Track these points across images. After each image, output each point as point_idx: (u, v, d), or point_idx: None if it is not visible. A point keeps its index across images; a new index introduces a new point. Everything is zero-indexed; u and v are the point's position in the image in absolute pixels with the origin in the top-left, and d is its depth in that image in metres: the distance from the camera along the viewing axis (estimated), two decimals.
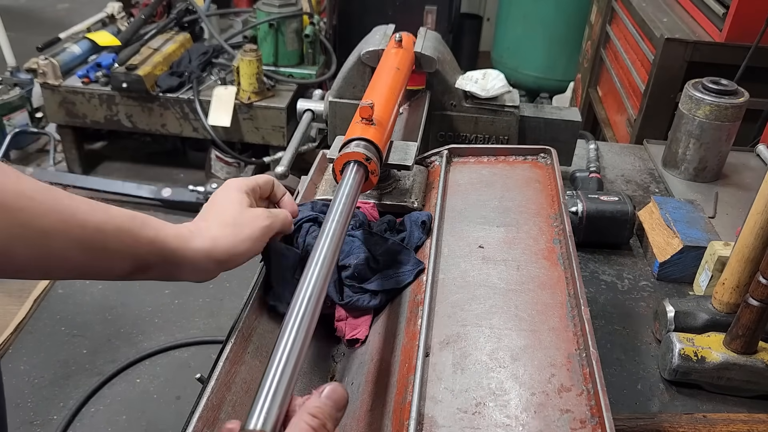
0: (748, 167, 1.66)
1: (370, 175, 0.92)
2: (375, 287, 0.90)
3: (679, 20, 2.14)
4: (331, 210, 0.79)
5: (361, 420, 0.76)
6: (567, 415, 0.66)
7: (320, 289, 0.69)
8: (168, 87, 3.15)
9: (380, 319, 0.91)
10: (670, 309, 1.08)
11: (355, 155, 0.91)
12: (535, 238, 0.93)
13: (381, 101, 1.05)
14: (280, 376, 0.57)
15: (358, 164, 0.90)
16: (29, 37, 3.65)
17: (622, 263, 1.32)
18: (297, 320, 0.64)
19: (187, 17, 3.61)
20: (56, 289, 2.57)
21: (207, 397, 0.72)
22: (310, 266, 0.70)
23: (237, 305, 0.88)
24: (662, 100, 2.05)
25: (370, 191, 1.08)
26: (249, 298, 0.88)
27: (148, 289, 2.62)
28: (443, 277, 0.87)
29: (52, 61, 3.11)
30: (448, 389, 0.70)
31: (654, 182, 1.63)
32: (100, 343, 2.35)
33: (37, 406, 2.10)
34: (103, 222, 0.68)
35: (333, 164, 0.93)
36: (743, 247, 0.99)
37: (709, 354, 0.99)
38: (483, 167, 1.13)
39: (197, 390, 0.74)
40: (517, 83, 3.66)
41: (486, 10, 4.85)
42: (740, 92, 1.48)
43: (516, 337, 0.76)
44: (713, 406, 1.00)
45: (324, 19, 3.61)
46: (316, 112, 1.60)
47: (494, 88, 1.48)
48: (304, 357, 0.61)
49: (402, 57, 1.29)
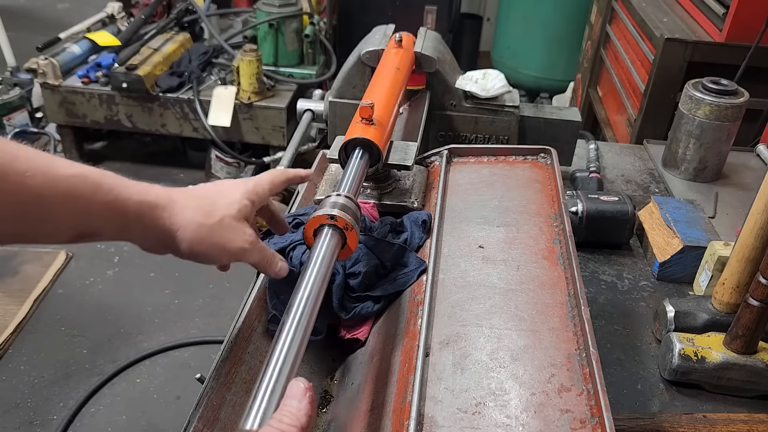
0: (748, 167, 1.66)
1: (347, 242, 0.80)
2: (379, 293, 0.90)
3: (679, 20, 2.14)
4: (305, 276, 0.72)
5: (361, 420, 0.76)
6: (567, 415, 0.66)
7: (318, 290, 0.69)
8: (168, 87, 3.15)
9: (380, 320, 0.91)
10: (670, 309, 1.08)
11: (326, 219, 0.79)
12: (535, 238, 0.93)
13: (381, 101, 1.05)
14: (277, 377, 0.57)
15: (333, 229, 0.79)
16: (29, 37, 3.65)
17: (622, 263, 1.32)
18: (295, 320, 0.64)
19: (187, 17, 3.61)
20: (56, 289, 2.57)
21: (207, 397, 0.72)
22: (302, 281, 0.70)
23: (237, 305, 0.88)
24: (662, 100, 2.05)
25: (370, 191, 1.08)
26: (249, 298, 0.88)
27: (148, 289, 2.62)
28: (443, 277, 0.87)
29: (52, 61, 3.11)
30: (448, 389, 0.70)
31: (654, 182, 1.63)
32: (100, 343, 2.35)
33: (37, 406, 2.10)
34: (45, 187, 0.58)
35: (304, 227, 0.81)
36: (743, 247, 0.99)
37: (709, 354, 0.99)
38: (483, 167, 1.12)
39: (197, 390, 0.74)
40: (517, 83, 3.65)
41: (486, 10, 4.85)
42: (740, 92, 1.48)
43: (516, 337, 0.76)
44: (713, 406, 1.00)
45: (324, 19, 3.61)
46: (316, 112, 1.60)
47: (494, 88, 1.48)
48: (301, 357, 0.61)
49: (402, 57, 1.29)
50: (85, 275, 2.66)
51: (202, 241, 0.70)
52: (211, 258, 0.73)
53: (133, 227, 0.67)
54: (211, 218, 0.71)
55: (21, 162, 0.57)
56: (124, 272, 2.70)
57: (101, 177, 0.64)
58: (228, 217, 0.72)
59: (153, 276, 2.69)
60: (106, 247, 2.82)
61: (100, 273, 2.68)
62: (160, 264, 2.75)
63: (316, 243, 0.77)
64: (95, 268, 2.71)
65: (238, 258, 0.74)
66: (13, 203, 0.57)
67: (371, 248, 0.92)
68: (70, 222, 0.62)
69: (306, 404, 0.54)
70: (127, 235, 0.68)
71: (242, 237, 0.73)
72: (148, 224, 0.67)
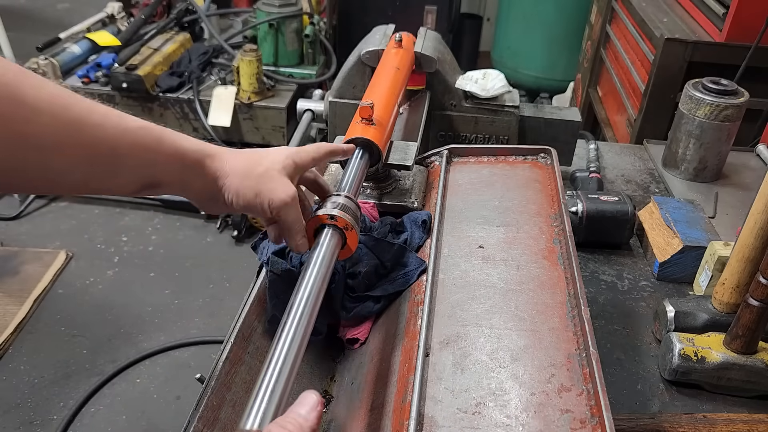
0: (748, 167, 1.66)
1: (347, 242, 0.80)
2: (379, 293, 0.90)
3: (679, 20, 2.14)
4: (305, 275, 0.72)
5: (361, 420, 0.76)
6: (567, 415, 0.66)
7: (318, 290, 0.69)
8: (168, 87, 3.15)
9: (380, 319, 0.91)
10: (670, 309, 1.08)
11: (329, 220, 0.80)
12: (535, 238, 0.93)
13: (381, 101, 1.05)
14: (277, 376, 0.57)
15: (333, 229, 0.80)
16: (29, 37, 3.65)
17: (622, 263, 1.32)
18: (295, 320, 0.64)
19: (187, 17, 3.61)
20: (56, 289, 2.57)
21: (207, 397, 0.72)
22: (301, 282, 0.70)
23: (237, 305, 0.88)
24: (662, 100, 2.05)
25: (370, 191, 1.08)
26: (249, 298, 0.88)
27: (148, 289, 2.62)
28: (443, 277, 0.87)
29: (52, 61, 3.11)
30: (448, 389, 0.70)
31: (654, 182, 1.63)
32: (100, 343, 2.35)
33: (37, 406, 2.10)
34: (117, 139, 0.62)
35: (306, 225, 0.81)
36: (743, 247, 0.99)
37: (709, 354, 0.99)
38: (483, 167, 1.13)
39: (197, 390, 0.74)
40: (517, 83, 3.65)
41: (486, 10, 4.85)
42: (740, 92, 1.48)
43: (516, 337, 0.76)
44: (713, 406, 1.00)
45: (324, 19, 3.61)
46: (316, 112, 1.60)
47: (494, 88, 1.48)
48: (301, 357, 0.61)
49: (402, 57, 1.29)
50: (85, 275, 2.66)
51: (246, 189, 0.73)
52: (253, 207, 0.75)
53: (190, 177, 0.71)
54: (256, 169, 0.74)
55: (97, 114, 0.61)
56: (124, 272, 2.70)
57: (163, 130, 0.68)
58: (272, 170, 0.75)
59: (153, 276, 2.69)
60: (106, 247, 2.82)
61: (100, 273, 2.68)
62: (160, 264, 2.75)
63: (316, 243, 0.77)
64: (95, 268, 2.71)
65: (278, 210, 0.75)
66: (89, 153, 0.60)
67: (371, 248, 0.92)
68: (138, 172, 0.66)
69: (314, 417, 0.53)
70: (185, 185, 0.71)
71: (284, 189, 0.75)
72: (201, 173, 0.71)
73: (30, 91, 0.55)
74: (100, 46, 3.40)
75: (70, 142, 0.58)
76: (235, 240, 2.89)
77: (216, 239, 2.92)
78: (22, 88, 0.54)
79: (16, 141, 0.54)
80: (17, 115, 0.53)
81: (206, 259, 2.79)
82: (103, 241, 2.87)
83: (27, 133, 0.54)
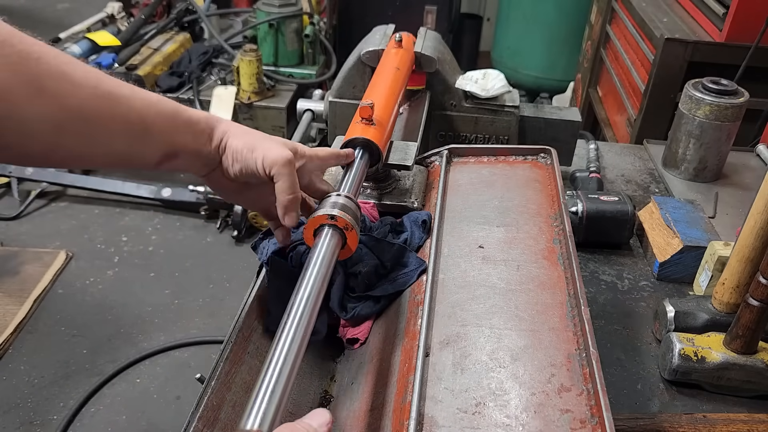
0: (748, 167, 1.66)
1: (347, 242, 0.80)
2: (379, 293, 0.90)
3: (679, 20, 2.14)
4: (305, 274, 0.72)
5: (361, 420, 0.76)
6: (567, 415, 0.66)
7: (318, 290, 0.69)
8: (168, 87, 3.15)
9: (380, 320, 0.91)
10: (670, 309, 1.08)
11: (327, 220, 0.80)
12: (535, 238, 0.93)
13: (381, 101, 1.05)
14: (277, 376, 0.57)
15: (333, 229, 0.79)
16: None
17: (622, 263, 1.32)
18: (295, 320, 0.64)
19: (187, 17, 3.61)
20: (56, 289, 2.57)
21: (207, 397, 0.72)
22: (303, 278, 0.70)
23: (237, 305, 0.88)
24: (662, 100, 2.05)
25: (370, 191, 1.08)
26: (249, 298, 0.88)
27: (148, 289, 2.62)
28: (443, 277, 0.87)
29: None
30: (448, 389, 0.70)
31: (654, 182, 1.63)
32: (100, 343, 2.35)
33: (37, 406, 2.10)
34: (145, 109, 0.68)
35: (304, 227, 0.81)
36: (743, 247, 0.99)
37: (709, 354, 0.99)
38: (483, 167, 1.12)
39: (197, 390, 0.74)
40: (517, 83, 3.65)
41: (486, 10, 4.85)
42: (740, 92, 1.48)
43: (516, 337, 0.76)
44: (713, 406, 1.00)
45: (324, 19, 3.61)
46: (316, 112, 1.60)
47: (494, 88, 1.48)
48: (301, 357, 0.61)
49: (402, 57, 1.29)
50: (85, 275, 2.66)
51: (244, 146, 0.77)
52: (249, 166, 0.76)
53: (201, 143, 0.75)
54: (256, 134, 0.80)
55: (125, 88, 0.67)
56: (124, 272, 2.70)
57: (175, 103, 0.73)
58: (274, 138, 0.80)
59: (153, 276, 2.69)
60: (106, 247, 2.82)
61: (100, 273, 2.68)
62: (160, 264, 2.75)
63: (316, 243, 0.77)
64: (95, 268, 2.71)
65: (270, 167, 0.76)
66: (124, 122, 0.66)
67: (371, 248, 0.92)
68: (162, 139, 0.70)
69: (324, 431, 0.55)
70: (198, 153, 0.75)
71: (281, 150, 0.77)
72: (209, 138, 0.76)
73: (68, 68, 0.61)
74: (100, 46, 3.40)
75: (108, 113, 0.64)
76: (235, 240, 2.89)
77: (216, 239, 2.92)
78: (62, 67, 0.60)
79: (64, 113, 0.60)
80: (64, 89, 0.59)
81: (206, 259, 2.79)
82: (103, 241, 2.87)
83: (72, 107, 0.60)
